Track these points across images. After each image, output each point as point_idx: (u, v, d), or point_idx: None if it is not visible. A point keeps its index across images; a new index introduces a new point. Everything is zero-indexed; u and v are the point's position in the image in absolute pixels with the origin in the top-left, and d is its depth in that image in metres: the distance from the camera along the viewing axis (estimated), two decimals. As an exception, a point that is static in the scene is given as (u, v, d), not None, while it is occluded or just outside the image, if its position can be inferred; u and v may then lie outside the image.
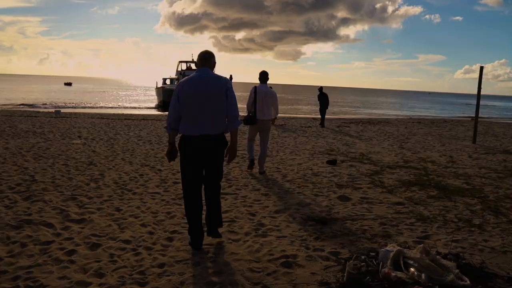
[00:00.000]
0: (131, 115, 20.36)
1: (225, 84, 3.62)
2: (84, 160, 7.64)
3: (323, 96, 17.35)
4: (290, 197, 5.69)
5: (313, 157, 9.29)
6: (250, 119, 7.00)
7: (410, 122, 21.60)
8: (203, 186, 3.83)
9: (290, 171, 7.50)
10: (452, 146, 12.28)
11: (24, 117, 15.92)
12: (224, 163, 3.93)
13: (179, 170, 7.03)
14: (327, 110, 17.54)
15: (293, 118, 22.35)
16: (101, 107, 30.02)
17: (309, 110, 40.30)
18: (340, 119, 22.78)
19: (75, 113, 19.85)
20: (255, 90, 7.00)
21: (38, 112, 19.67)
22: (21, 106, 27.89)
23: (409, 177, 7.35)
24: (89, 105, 33.28)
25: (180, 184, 5.50)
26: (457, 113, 48.01)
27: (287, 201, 5.50)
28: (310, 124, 18.20)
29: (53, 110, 20.89)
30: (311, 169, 7.79)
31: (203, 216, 3.95)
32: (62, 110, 23.76)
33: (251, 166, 7.39)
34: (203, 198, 3.85)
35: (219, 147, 3.65)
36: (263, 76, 7.15)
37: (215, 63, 3.76)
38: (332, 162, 8.46)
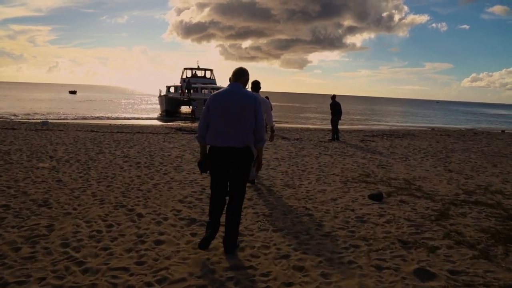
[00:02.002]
0: (126, 126, 18.28)
1: (254, 101, 3.68)
2: (37, 198, 5.50)
3: (335, 105, 15.20)
4: (340, 274, 3.50)
5: (347, 186, 7.11)
6: None
7: (438, 135, 19.36)
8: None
9: (325, 214, 5.32)
10: (506, 167, 10.08)
11: (1, 129, 13.89)
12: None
13: (167, 216, 4.92)
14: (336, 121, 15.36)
15: (308, 130, 20.17)
16: (95, 118, 27.80)
17: (320, 119, 38.11)
18: (359, 131, 20.56)
19: (65, 124, 17.83)
20: None
21: (23, 123, 17.66)
22: (11, 116, 25.94)
23: (491, 223, 5.19)
24: (83, 115, 31.32)
25: (165, 251, 4.06)
26: (479, 124, 45.54)
27: (338, 284, 3.32)
28: (329, 137, 16.04)
29: (42, 120, 18.90)
30: (353, 210, 5.62)
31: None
32: (54, 121, 21.82)
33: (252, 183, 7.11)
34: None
35: (243, 161, 3.70)
36: (256, 85, 7.16)
37: (247, 79, 3.88)
38: (377, 197, 6.27)
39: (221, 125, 3.63)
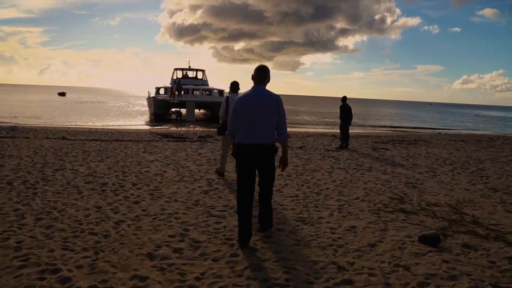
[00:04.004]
0: (106, 132, 16.27)
1: (277, 102, 4.01)
2: None
3: (345, 108, 13.32)
4: None
5: (382, 220, 5.26)
6: (221, 128, 7.10)
7: (452, 141, 17.63)
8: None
9: (370, 279, 3.44)
10: (555, 182, 8.31)
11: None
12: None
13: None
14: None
15: (308, 135, 18.32)
16: (73, 122, 25.38)
17: (318, 122, 36.33)
18: (366, 136, 18.73)
19: (36, 130, 15.79)
20: (227, 99, 7.15)
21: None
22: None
23: None
24: (64, 119, 29.18)
25: None
26: (483, 126, 44.09)
27: None
28: (335, 143, 14.23)
29: (10, 125, 16.87)
30: (407, 268, 3.75)
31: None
32: (29, 125, 19.83)
33: (221, 176, 7.42)
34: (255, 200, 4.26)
35: (269, 154, 4.03)
36: (235, 86, 7.24)
37: (269, 78, 4.13)
38: (432, 241, 4.43)
39: (249, 125, 3.94)
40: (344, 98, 13.44)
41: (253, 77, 4.07)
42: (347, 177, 8.05)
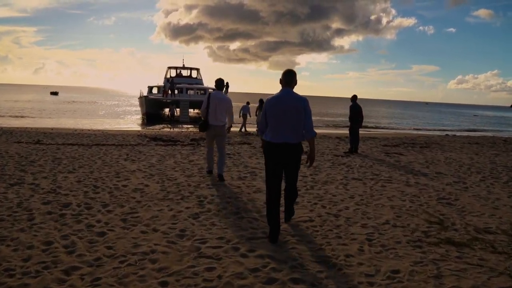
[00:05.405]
0: (89, 134, 14.80)
1: (303, 103, 4.19)
2: None
3: (356, 108, 11.97)
4: None
5: (430, 258, 3.93)
6: (201, 125, 6.97)
7: (467, 144, 16.35)
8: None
9: None
10: None
11: None
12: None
13: None
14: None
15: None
16: (55, 124, 23.65)
17: (318, 122, 34.97)
18: (373, 138, 17.38)
19: (11, 132, 14.31)
20: (209, 96, 6.97)
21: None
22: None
23: None
24: (47, 120, 27.66)
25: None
26: (489, 127, 42.97)
27: None
28: (343, 146, 12.91)
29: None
30: None
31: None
32: (6, 126, 18.37)
33: (209, 174, 7.29)
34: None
35: (295, 153, 4.25)
36: (219, 83, 7.02)
37: (296, 81, 4.32)
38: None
39: (278, 125, 4.17)
40: (354, 97, 12.09)
41: (281, 81, 4.29)
42: (366, 191, 6.71)
